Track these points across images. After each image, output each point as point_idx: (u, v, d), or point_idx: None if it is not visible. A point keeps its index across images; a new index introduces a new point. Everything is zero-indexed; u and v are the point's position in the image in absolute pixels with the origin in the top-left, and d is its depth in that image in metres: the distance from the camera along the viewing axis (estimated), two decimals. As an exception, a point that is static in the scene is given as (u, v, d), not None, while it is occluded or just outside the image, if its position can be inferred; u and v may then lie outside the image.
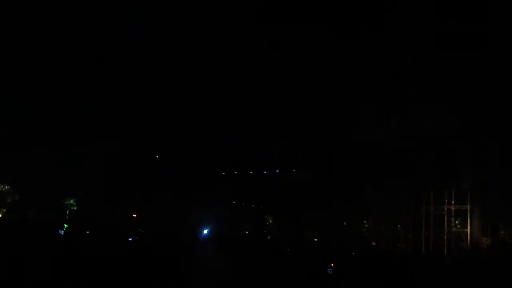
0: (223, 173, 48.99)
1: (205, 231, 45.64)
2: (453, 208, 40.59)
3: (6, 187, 46.59)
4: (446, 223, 40.69)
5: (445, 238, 40.08)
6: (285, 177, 45.15)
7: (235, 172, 48.52)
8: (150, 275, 20.31)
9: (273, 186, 45.81)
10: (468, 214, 39.49)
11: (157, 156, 47.58)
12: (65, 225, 38.42)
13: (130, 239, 33.64)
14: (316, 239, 41.24)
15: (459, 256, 35.24)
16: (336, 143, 42.11)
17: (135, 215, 45.72)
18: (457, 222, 41.18)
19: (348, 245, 37.50)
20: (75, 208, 47.26)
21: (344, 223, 42.45)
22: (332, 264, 23.30)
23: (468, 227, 39.50)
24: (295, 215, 42.13)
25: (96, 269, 20.02)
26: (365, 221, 45.32)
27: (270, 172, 45.89)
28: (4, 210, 45.84)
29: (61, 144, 44.46)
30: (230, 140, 47.51)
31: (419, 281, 21.15)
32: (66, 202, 46.54)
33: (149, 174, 47.88)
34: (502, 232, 40.55)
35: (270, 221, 46.02)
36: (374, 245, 40.63)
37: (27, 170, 43.81)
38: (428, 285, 20.19)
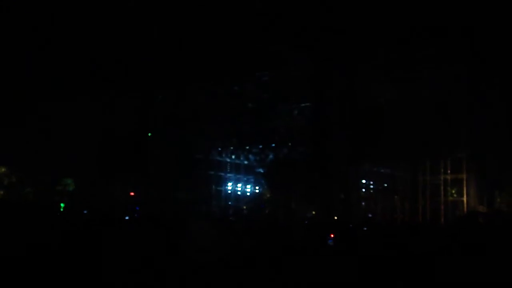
0: (219, 148, 49.01)
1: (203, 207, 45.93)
2: (449, 178, 40.81)
3: (3, 169, 46.53)
4: (442, 193, 40.93)
5: (442, 208, 40.32)
6: (282, 150, 45.13)
7: (231, 147, 48.54)
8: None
9: (269, 160, 45.89)
10: (464, 183, 39.68)
11: (149, 134, 47.38)
12: (62, 205, 38.59)
13: (126, 218, 33.84)
14: (314, 212, 41.28)
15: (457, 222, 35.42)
16: (331, 112, 41.99)
17: (132, 194, 45.89)
18: (453, 192, 41.28)
19: (345, 217, 37.66)
20: (72, 187, 47.30)
21: (342, 196, 42.35)
22: (332, 235, 23.37)
23: (465, 196, 39.71)
24: (289, 188, 42.16)
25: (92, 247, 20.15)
26: (362, 192, 45.44)
27: (267, 146, 45.85)
28: (1, 192, 45.85)
29: (56, 122, 44.31)
30: (226, 116, 47.50)
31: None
32: (63, 182, 46.57)
33: (147, 152, 47.90)
34: (498, 200, 40.63)
35: (268, 195, 46.07)
36: (370, 216, 40.79)
37: (23, 151, 43.63)
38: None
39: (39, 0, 41.40)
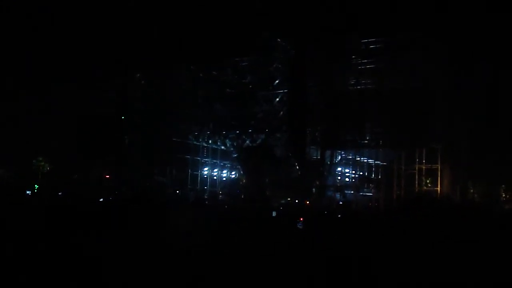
0: (196, 134, 48.89)
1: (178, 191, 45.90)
2: (423, 167, 41.26)
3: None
4: (417, 182, 41.39)
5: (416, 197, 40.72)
6: (258, 136, 45.28)
7: (208, 132, 48.46)
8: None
9: (246, 145, 45.98)
10: (438, 173, 40.11)
11: (123, 118, 47.06)
12: (36, 186, 38.31)
13: (101, 200, 33.81)
14: (289, 198, 41.48)
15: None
16: (308, 99, 42.12)
17: (108, 176, 45.70)
18: (428, 181, 41.73)
19: (318, 204, 37.91)
20: (47, 168, 46.93)
21: (317, 182, 42.57)
22: (302, 219, 23.60)
23: (438, 186, 40.16)
24: (265, 174, 42.29)
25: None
26: (337, 179, 45.79)
27: (244, 131, 45.93)
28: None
29: (35, 101, 43.83)
30: (204, 101, 47.46)
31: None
32: (38, 163, 46.15)
33: (123, 135, 47.71)
34: (471, 191, 41.22)
35: (244, 180, 46.18)
36: (341, 203, 41.04)
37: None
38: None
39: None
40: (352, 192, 43.92)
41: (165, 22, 42.28)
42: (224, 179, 52.00)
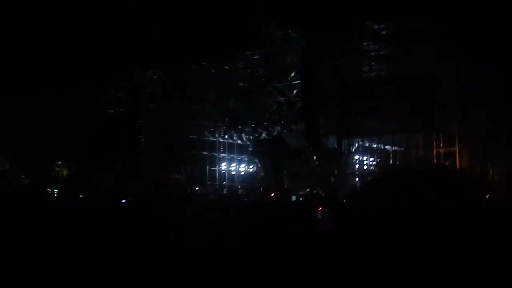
0: (212, 130, 49.01)
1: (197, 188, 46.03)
2: (441, 151, 41.03)
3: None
4: (435, 166, 41.15)
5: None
6: (274, 128, 45.30)
7: (224, 127, 48.58)
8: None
9: (262, 138, 46.04)
10: (457, 156, 39.85)
11: (137, 115, 47.13)
12: (55, 190, 38.55)
13: (123, 201, 33.98)
14: (308, 189, 41.48)
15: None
16: (321, 88, 41.99)
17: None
18: (446, 164, 41.44)
19: (336, 194, 37.85)
20: (67, 172, 47.11)
21: (336, 172, 42.48)
22: (320, 209, 23.66)
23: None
24: (283, 166, 42.21)
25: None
26: (356, 167, 45.72)
27: (259, 124, 45.98)
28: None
29: (53, 104, 43.91)
30: (218, 95, 47.55)
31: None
32: (57, 168, 46.36)
33: (139, 134, 47.85)
34: (491, 172, 40.82)
35: (262, 174, 46.13)
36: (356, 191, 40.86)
37: (15, 136, 43.19)
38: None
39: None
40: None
41: (175, 19, 42.24)
42: (242, 173, 52.05)
